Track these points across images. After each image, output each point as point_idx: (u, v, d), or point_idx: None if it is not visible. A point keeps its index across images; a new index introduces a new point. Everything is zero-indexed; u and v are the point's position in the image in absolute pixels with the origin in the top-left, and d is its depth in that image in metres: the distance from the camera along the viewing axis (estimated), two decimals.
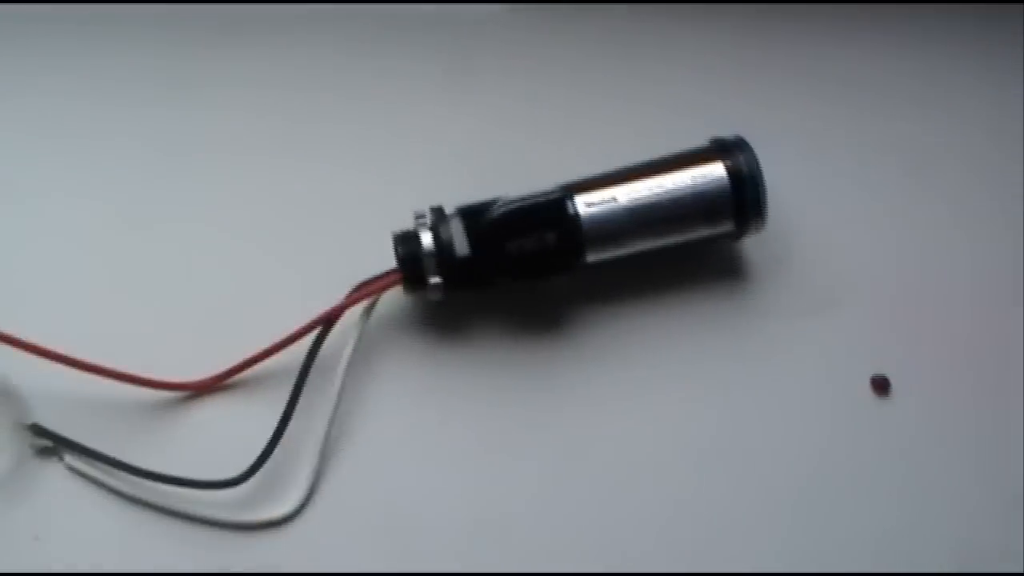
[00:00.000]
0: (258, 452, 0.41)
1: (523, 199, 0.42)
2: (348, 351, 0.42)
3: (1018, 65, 0.49)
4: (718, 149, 0.43)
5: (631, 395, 0.44)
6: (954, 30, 0.50)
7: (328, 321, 0.42)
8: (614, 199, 0.42)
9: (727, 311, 0.45)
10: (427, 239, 0.41)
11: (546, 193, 0.42)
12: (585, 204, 0.42)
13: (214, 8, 0.49)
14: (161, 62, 0.48)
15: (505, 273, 0.42)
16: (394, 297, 0.43)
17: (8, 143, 0.46)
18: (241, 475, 0.41)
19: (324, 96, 0.48)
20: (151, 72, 0.48)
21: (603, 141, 0.46)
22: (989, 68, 0.50)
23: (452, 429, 0.43)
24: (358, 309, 0.42)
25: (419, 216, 0.42)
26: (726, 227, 0.43)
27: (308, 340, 0.42)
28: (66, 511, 0.41)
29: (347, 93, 0.48)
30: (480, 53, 0.49)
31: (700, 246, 0.44)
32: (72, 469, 0.41)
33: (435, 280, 0.41)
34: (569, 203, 0.42)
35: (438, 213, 0.42)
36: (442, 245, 0.41)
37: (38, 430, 0.41)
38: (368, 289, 0.42)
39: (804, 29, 0.50)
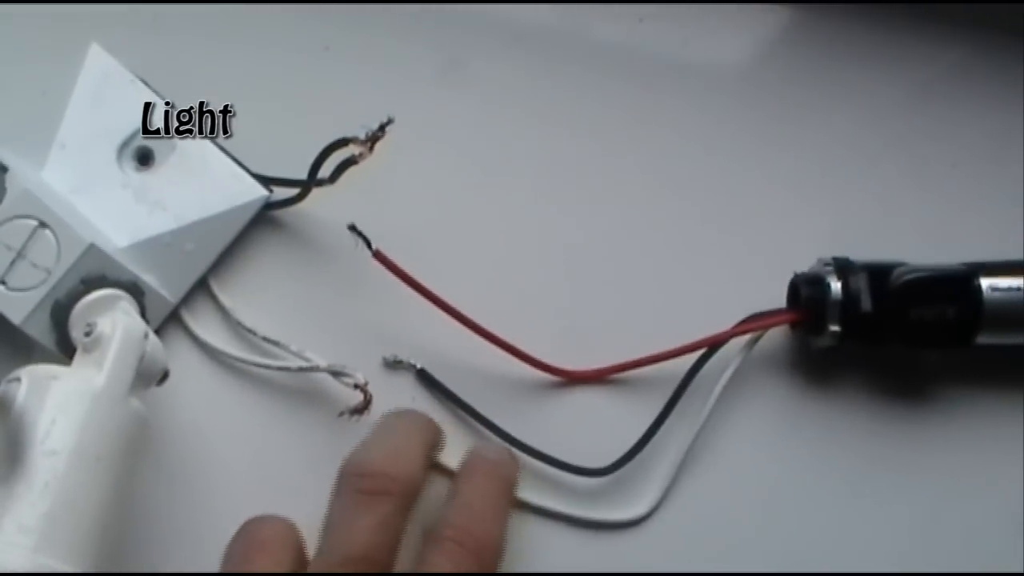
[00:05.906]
0: (618, 450, 0.43)
1: (931, 269, 0.42)
2: (727, 375, 0.43)
3: None
4: None
5: (981, 484, 0.44)
6: None
7: (715, 344, 0.43)
8: (1020, 289, 0.42)
9: None
10: (836, 287, 0.42)
11: (953, 268, 0.42)
12: (990, 287, 0.42)
13: None
14: None
15: (900, 336, 0.42)
16: (777, 334, 0.44)
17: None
18: (608, 467, 0.43)
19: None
20: None
21: None
22: None
23: (799, 472, 0.44)
24: (743, 339, 0.43)
25: (826, 263, 0.43)
26: None
27: (688, 357, 0.43)
28: None
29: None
30: None
31: None
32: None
33: (834, 328, 0.42)
34: (975, 282, 0.42)
35: (845, 263, 0.43)
36: (850, 296, 0.42)
37: (422, 374, 0.44)
38: (760, 323, 0.43)
39: None
